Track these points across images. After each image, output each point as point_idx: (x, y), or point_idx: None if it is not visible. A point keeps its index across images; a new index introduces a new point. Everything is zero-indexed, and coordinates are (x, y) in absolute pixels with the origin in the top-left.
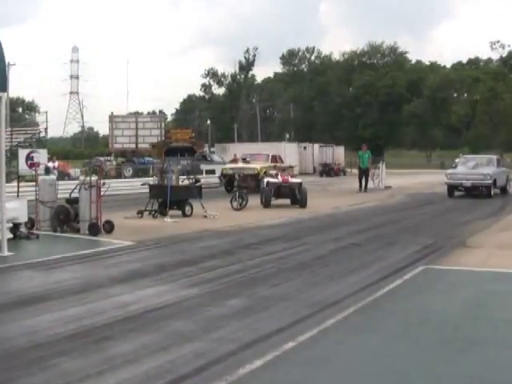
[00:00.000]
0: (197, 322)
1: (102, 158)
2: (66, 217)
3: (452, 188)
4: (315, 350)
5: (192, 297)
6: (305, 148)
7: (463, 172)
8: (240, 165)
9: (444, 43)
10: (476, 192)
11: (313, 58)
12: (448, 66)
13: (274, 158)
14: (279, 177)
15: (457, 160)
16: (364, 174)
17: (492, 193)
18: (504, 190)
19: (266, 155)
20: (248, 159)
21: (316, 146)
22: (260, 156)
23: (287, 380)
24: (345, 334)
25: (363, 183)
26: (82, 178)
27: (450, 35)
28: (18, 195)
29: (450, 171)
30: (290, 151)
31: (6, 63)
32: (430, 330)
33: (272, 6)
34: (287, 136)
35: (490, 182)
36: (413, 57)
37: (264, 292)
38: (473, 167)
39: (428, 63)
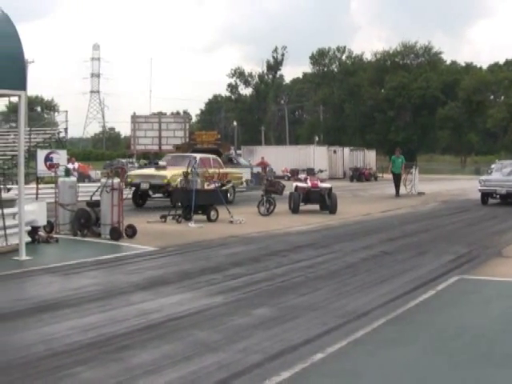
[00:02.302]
0: (221, 332)
1: (123, 160)
2: (86, 220)
3: (486, 195)
4: (345, 362)
5: (216, 305)
6: (335, 152)
7: (498, 179)
8: (148, 171)
9: (481, 43)
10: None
11: (344, 57)
12: (484, 67)
13: (207, 163)
14: (308, 181)
15: (492, 166)
16: (397, 179)
17: None
18: None
19: (193, 159)
20: (164, 164)
21: (346, 149)
22: (184, 160)
23: None
24: (375, 346)
25: (398, 189)
26: (103, 180)
27: (487, 35)
28: (36, 197)
29: (483, 177)
30: (319, 155)
31: (25, 60)
32: (464, 344)
33: (301, 3)
34: (316, 139)
35: None
36: (448, 57)
37: (291, 301)
38: (508, 174)
39: (464, 64)
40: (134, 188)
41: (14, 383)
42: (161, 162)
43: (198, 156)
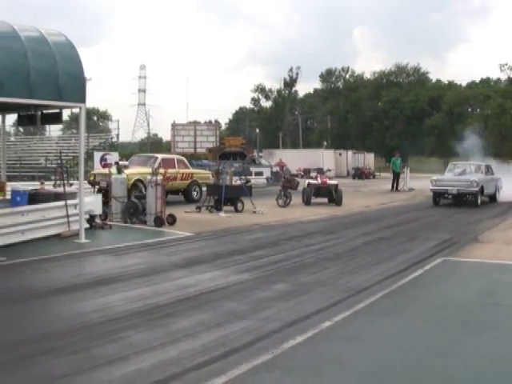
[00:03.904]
0: (246, 303)
1: None
2: (135, 210)
3: (438, 195)
4: (348, 328)
5: (242, 281)
6: (340, 154)
7: (449, 179)
8: (107, 170)
9: (460, 64)
10: (462, 199)
11: (347, 76)
12: (463, 84)
13: (171, 163)
14: (318, 179)
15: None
16: (396, 177)
17: (479, 201)
18: (493, 197)
19: (154, 159)
20: (125, 164)
21: (350, 152)
22: (147, 160)
23: (325, 353)
24: (374, 316)
25: (395, 185)
26: (148, 177)
27: (466, 57)
28: (94, 191)
29: (435, 177)
30: (327, 157)
31: (85, 78)
32: (447, 313)
33: (313, 31)
34: (325, 144)
35: (477, 189)
36: (433, 76)
37: (304, 278)
38: (459, 174)
39: (446, 82)
40: (97, 186)
41: (76, 344)
42: (121, 162)
43: (160, 156)
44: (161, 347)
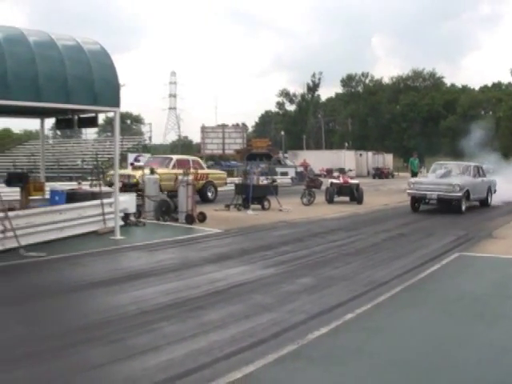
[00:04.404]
0: (273, 296)
1: None
2: (167, 208)
3: (416, 200)
4: (370, 320)
5: (269, 275)
6: (361, 155)
7: (429, 181)
8: (123, 171)
9: (473, 69)
10: (445, 205)
11: (367, 81)
12: (477, 88)
13: (186, 164)
14: (340, 178)
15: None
16: (414, 176)
17: (463, 207)
18: (484, 202)
19: (169, 160)
20: (141, 164)
21: (370, 153)
22: (163, 160)
23: (348, 344)
24: (394, 309)
25: None
26: (180, 177)
27: (479, 63)
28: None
29: (413, 180)
30: (348, 157)
31: (119, 84)
32: (463, 306)
33: (334, 38)
34: (346, 145)
35: (459, 194)
36: (448, 81)
37: (328, 273)
38: (442, 176)
39: (460, 86)
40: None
41: (112, 335)
42: (137, 163)
43: (175, 157)
44: (192, 338)
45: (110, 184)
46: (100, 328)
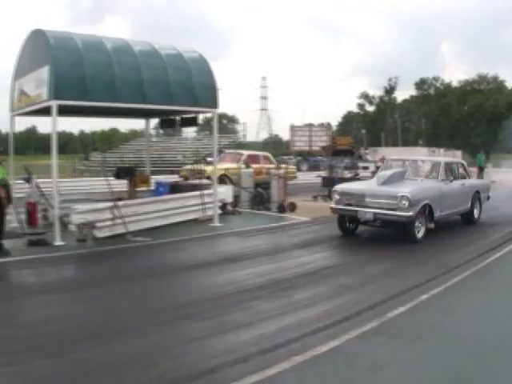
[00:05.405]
0: (356, 278)
1: (285, 157)
2: (260, 199)
3: (343, 219)
4: (442, 301)
5: (353, 259)
6: (433, 151)
7: (364, 190)
8: (195, 167)
9: None
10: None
11: (438, 84)
12: None
13: (256, 159)
14: None
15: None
16: (480, 170)
17: (419, 235)
18: (468, 218)
19: (240, 155)
20: (210, 159)
21: (441, 150)
22: (235, 156)
23: (424, 321)
24: (463, 291)
25: (479, 177)
26: (273, 171)
27: None
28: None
29: (340, 187)
30: (422, 154)
31: (217, 88)
32: None
33: (407, 45)
34: (420, 142)
35: (409, 213)
36: (509, 84)
37: (406, 258)
38: (384, 181)
39: None
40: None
41: (210, 312)
42: (209, 159)
43: (246, 153)
44: (282, 315)
45: (187, 178)
46: (198, 305)
